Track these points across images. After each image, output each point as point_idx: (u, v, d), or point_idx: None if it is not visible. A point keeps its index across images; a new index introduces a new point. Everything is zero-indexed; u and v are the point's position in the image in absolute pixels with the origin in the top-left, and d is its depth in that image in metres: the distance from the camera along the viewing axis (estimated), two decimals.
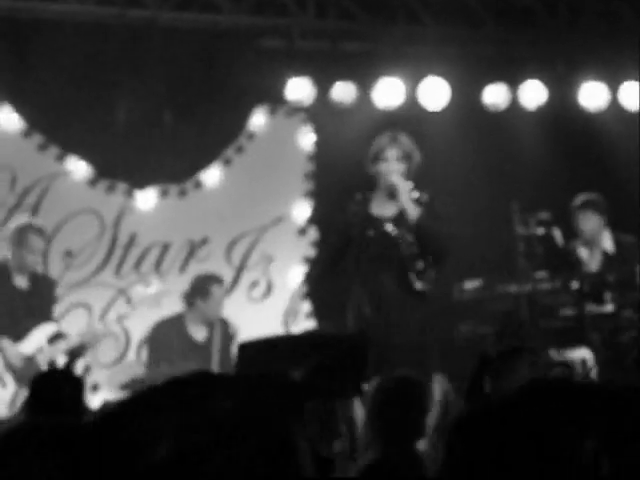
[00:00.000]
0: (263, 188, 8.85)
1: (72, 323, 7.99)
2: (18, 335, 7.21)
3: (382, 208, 6.65)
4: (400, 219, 6.56)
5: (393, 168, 6.58)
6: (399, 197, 6.53)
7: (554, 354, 7.04)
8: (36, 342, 7.23)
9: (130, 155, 8.35)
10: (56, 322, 7.57)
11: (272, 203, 8.88)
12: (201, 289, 7.90)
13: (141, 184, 8.58)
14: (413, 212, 6.52)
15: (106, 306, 8.45)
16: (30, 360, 7.17)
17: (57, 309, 7.92)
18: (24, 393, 7.07)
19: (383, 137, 6.69)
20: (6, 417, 7.00)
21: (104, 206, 8.53)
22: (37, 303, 7.38)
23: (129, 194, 8.58)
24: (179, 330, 7.91)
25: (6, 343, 7.12)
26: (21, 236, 7.33)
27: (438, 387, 5.73)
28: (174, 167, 8.60)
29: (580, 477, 0.89)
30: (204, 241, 8.77)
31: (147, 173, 8.54)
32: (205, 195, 8.78)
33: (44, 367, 7.18)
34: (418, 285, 6.53)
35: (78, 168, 8.44)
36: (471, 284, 8.06)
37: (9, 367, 7.08)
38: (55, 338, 7.31)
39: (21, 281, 7.37)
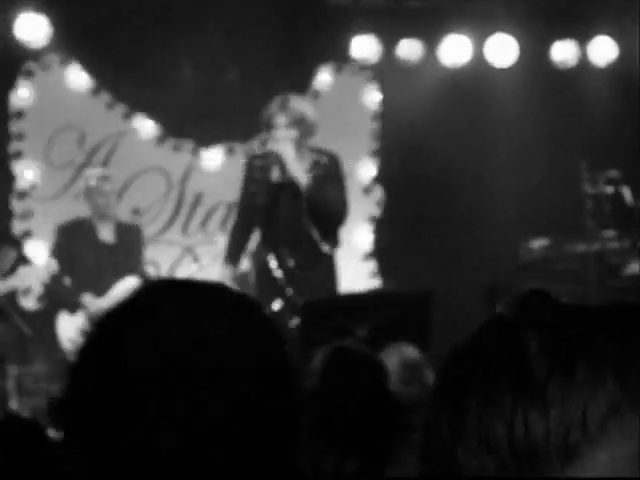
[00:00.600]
0: (328, 147, 8.82)
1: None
2: (104, 290, 7.30)
3: (278, 176, 6.49)
4: (291, 186, 6.42)
5: (282, 135, 6.42)
6: (286, 166, 6.40)
7: None
8: (117, 297, 7.30)
9: (196, 113, 8.39)
10: (140, 275, 7.61)
11: None
12: None
13: (207, 143, 8.63)
14: (302, 179, 6.40)
15: (173, 264, 8.54)
16: None
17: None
18: None
19: (273, 103, 6.47)
20: None
21: (171, 164, 8.60)
22: (123, 256, 7.47)
23: (195, 153, 8.64)
24: (244, 288, 7.97)
25: (89, 298, 7.22)
26: (89, 185, 7.47)
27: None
28: (240, 126, 8.62)
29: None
30: None
31: (213, 132, 8.58)
32: None
33: None
34: (324, 248, 6.44)
35: (145, 126, 8.52)
36: (538, 243, 7.99)
37: (92, 322, 7.18)
38: None
39: (106, 234, 7.47)
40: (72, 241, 7.36)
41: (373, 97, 8.88)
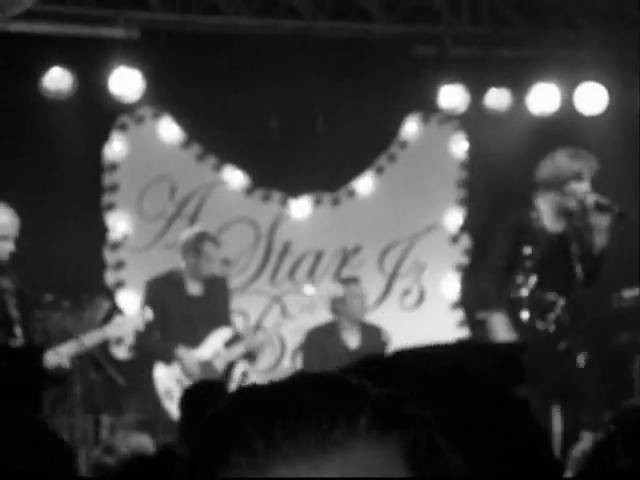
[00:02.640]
0: (415, 196, 8.84)
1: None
2: (195, 342, 7.34)
3: (554, 223, 6.50)
4: (573, 237, 6.40)
5: (588, 188, 6.37)
6: (600, 222, 6.30)
7: None
8: (213, 347, 7.34)
9: (284, 164, 8.47)
10: (232, 325, 7.66)
11: (424, 211, 8.87)
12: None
13: (295, 193, 8.70)
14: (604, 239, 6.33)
15: (262, 313, 8.59)
16: (208, 365, 7.30)
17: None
18: None
19: (576, 155, 6.41)
20: None
21: (260, 215, 8.68)
22: (211, 307, 7.47)
23: (284, 203, 8.71)
24: (332, 337, 7.97)
25: (183, 351, 7.25)
26: (197, 244, 7.37)
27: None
28: (327, 176, 8.68)
29: None
30: (357, 249, 8.81)
31: (301, 182, 8.64)
32: (358, 203, 8.83)
33: (222, 372, 7.31)
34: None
35: (235, 177, 8.62)
36: (630, 292, 7.88)
37: (187, 374, 7.20)
38: (231, 342, 7.43)
39: (194, 288, 7.46)
40: (162, 295, 7.38)
41: (460, 146, 8.88)
